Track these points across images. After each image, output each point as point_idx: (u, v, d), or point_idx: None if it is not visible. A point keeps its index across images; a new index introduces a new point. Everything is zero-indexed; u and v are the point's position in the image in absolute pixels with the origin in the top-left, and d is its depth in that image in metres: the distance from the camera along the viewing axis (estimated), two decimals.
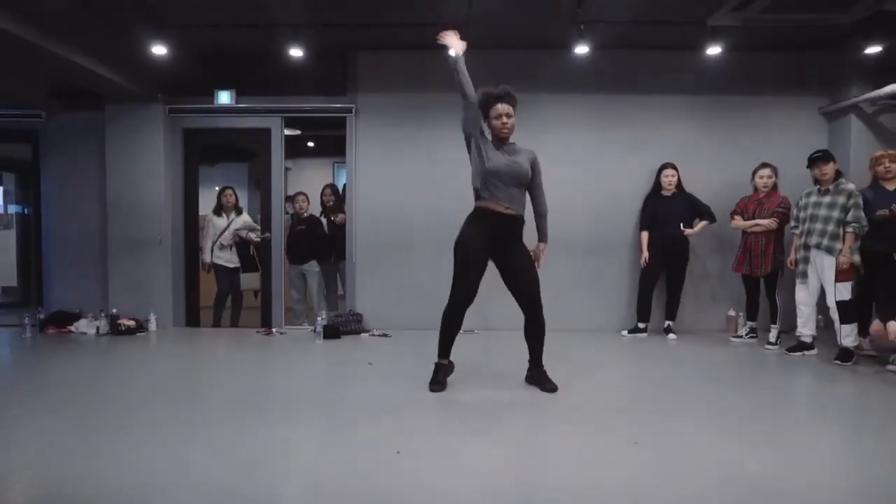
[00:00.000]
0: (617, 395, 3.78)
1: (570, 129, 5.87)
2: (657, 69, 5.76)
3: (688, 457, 2.67)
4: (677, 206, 5.50)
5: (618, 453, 2.73)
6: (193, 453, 2.67)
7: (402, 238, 5.80)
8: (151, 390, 3.75)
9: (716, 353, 4.91)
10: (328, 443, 2.84)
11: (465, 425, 3.09)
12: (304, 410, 3.37)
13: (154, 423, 3.08)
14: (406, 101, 5.83)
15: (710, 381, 4.09)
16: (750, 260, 5.12)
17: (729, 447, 2.80)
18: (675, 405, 3.51)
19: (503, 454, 2.71)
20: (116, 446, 2.74)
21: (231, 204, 6.11)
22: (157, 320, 5.78)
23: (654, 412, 3.36)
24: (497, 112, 3.53)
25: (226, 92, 5.84)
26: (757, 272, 5.10)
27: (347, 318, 5.76)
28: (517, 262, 3.64)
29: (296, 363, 4.60)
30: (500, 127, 3.54)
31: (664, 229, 5.50)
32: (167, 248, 5.90)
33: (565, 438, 2.93)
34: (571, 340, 5.36)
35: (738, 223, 5.21)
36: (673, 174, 5.50)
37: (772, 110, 5.80)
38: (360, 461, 2.60)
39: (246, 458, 2.61)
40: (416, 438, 2.88)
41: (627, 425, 3.10)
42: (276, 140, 5.94)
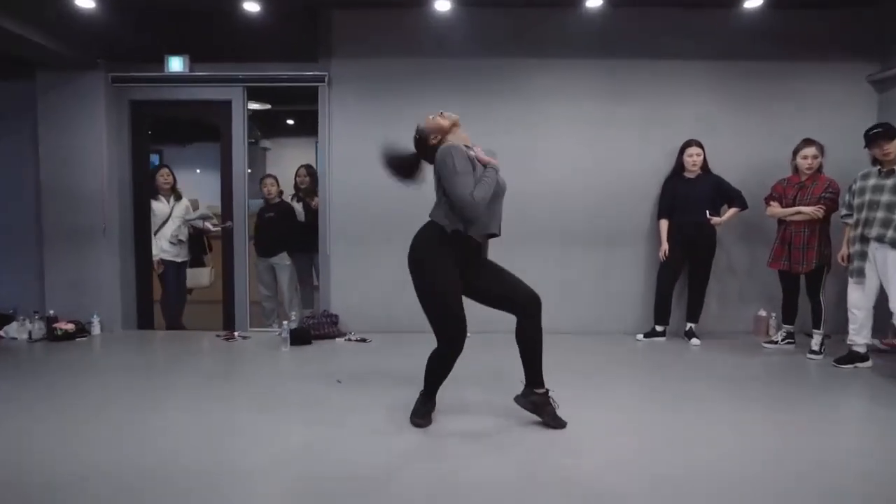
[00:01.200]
0: (629, 416, 3.04)
1: (575, 100, 5.05)
2: (678, 30, 4.93)
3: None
4: (702, 189, 4.71)
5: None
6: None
7: (383, 226, 5.02)
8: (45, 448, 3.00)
9: (749, 364, 4.17)
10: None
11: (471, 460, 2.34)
12: (233, 477, 2.62)
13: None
14: (388, 67, 5.01)
15: (744, 398, 3.36)
16: (790, 254, 4.36)
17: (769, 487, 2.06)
18: (701, 432, 2.78)
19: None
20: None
21: (168, 186, 5.33)
22: (101, 323, 5.02)
23: (675, 442, 2.62)
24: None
25: (178, 58, 5.02)
26: (798, 268, 4.34)
27: (321, 319, 5.00)
28: (496, 272, 2.99)
29: (248, 381, 3.83)
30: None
31: (687, 216, 4.72)
32: (113, 238, 5.12)
33: (570, 471, 2.21)
34: (578, 346, 4.62)
35: (776, 210, 4.44)
36: (698, 153, 4.71)
37: (812, 78, 4.98)
38: None
39: None
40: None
41: (643, 456, 2.36)
42: (237, 114, 5.13)
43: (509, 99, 4.99)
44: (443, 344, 2.83)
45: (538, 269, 5.05)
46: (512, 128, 4.97)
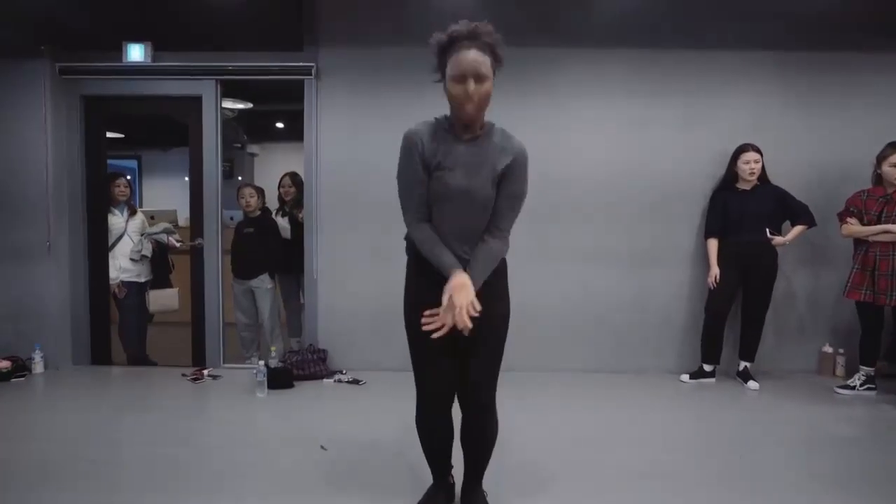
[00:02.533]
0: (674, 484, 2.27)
1: (609, 98, 4.30)
2: (729, 14, 4.18)
3: None
4: (761, 203, 3.96)
5: None
6: None
7: (379, 242, 4.25)
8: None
9: (821, 416, 3.41)
10: None
11: None
12: None
13: None
14: (385, 57, 4.24)
15: (820, 465, 2.57)
16: (874, 282, 3.61)
17: None
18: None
19: None
20: None
21: (125, 198, 4.57)
22: (45, 358, 4.23)
23: None
24: (457, 70, 1.82)
25: (138, 46, 4.26)
26: (884, 299, 3.58)
27: (306, 356, 4.21)
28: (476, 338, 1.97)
29: (208, 445, 3.04)
30: (462, 99, 1.84)
31: (742, 236, 3.96)
32: (61, 257, 4.34)
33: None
34: (609, 387, 3.85)
35: (854, 229, 3.70)
36: (756, 160, 3.95)
37: (882, 71, 4.23)
38: None
39: None
40: None
41: None
42: (208, 111, 4.36)
43: (530, 95, 4.23)
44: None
45: (561, 294, 4.31)
46: (533, 128, 4.17)
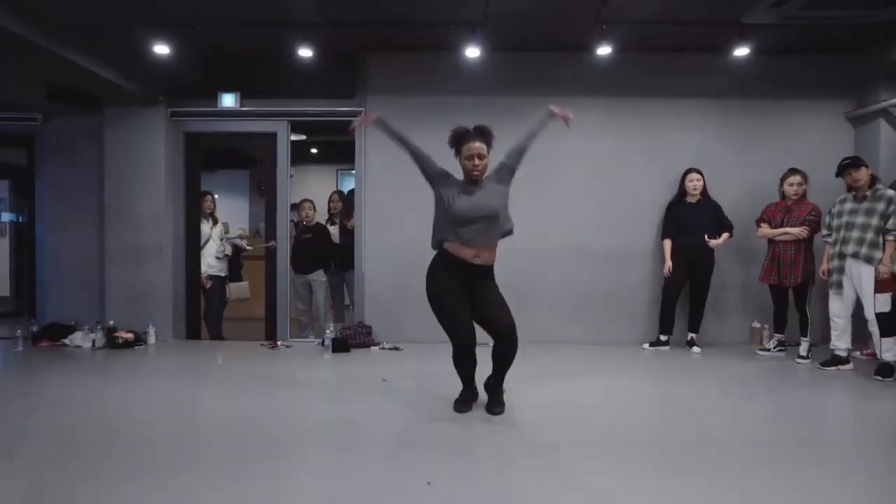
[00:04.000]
0: (639, 418, 3.54)
1: (589, 133, 5.64)
2: (679, 72, 5.56)
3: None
4: (702, 213, 5.28)
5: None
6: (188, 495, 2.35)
7: (412, 248, 5.52)
8: (152, 416, 3.49)
9: (744, 368, 4.68)
10: (349, 474, 2.59)
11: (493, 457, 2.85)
12: (318, 439, 3.12)
13: (153, 458, 2.83)
14: (418, 104, 5.61)
15: (740, 398, 3.86)
16: (779, 270, 4.90)
17: (763, 477, 2.57)
18: (702, 430, 3.28)
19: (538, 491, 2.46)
20: (112, 486, 2.47)
21: (210, 211, 5.90)
22: (156, 332, 5.52)
23: (679, 440, 3.12)
24: (468, 152, 3.20)
25: (230, 95, 5.62)
26: (786, 282, 4.88)
27: (356, 330, 5.51)
28: (488, 296, 3.32)
29: (306, 380, 4.33)
30: (471, 168, 3.21)
31: (688, 237, 5.27)
32: (167, 257, 5.65)
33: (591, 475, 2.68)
34: (590, 354, 5.13)
35: (766, 231, 5.00)
36: (698, 179, 5.28)
37: (796, 115, 5.61)
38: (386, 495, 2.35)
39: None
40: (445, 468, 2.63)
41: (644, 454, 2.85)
42: (281, 145, 5.71)
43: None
44: (453, 351, 3.35)
45: (554, 284, 5.61)
46: (529, 160, 5.51)
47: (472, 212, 3.19)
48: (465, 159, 3.22)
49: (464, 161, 3.23)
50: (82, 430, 3.09)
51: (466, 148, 3.20)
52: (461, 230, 3.20)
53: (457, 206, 3.19)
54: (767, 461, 2.70)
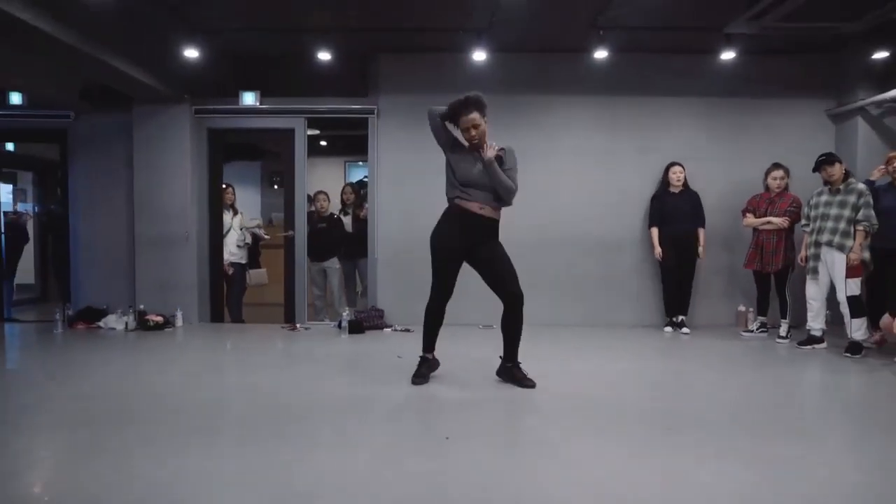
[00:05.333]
0: (637, 393, 3.96)
1: (583, 131, 6.05)
2: (668, 72, 5.94)
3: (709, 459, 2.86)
4: (684, 202, 5.68)
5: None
6: (218, 465, 2.52)
7: (422, 236, 5.88)
8: (186, 389, 3.91)
9: (729, 348, 5.10)
10: (370, 445, 3.01)
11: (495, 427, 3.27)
12: (342, 411, 3.54)
13: (187, 426, 3.21)
14: (426, 102, 5.85)
15: (725, 374, 4.28)
16: (762, 257, 5.30)
17: (745, 445, 2.98)
18: (692, 403, 3.70)
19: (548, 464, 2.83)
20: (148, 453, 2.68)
21: (230, 201, 6.28)
22: (182, 316, 5.92)
23: (672, 412, 3.54)
24: (464, 125, 3.53)
25: (250, 93, 5.98)
26: (768, 268, 5.28)
27: (370, 313, 5.92)
28: (493, 256, 3.67)
29: (326, 356, 4.75)
30: (469, 138, 3.57)
31: (673, 225, 5.67)
32: (193, 245, 6.04)
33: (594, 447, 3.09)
34: (588, 335, 5.54)
35: (751, 221, 5.39)
36: (681, 171, 5.68)
37: (779, 112, 6.00)
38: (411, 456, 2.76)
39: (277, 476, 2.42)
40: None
41: (635, 428, 3.22)
42: (299, 140, 6.09)
43: (527, 130, 5.95)
44: (430, 297, 3.82)
45: (553, 270, 6.01)
46: (529, 154, 5.92)
47: (478, 177, 3.56)
48: (463, 130, 3.57)
49: (462, 132, 3.59)
50: (124, 401, 3.50)
51: (462, 120, 3.54)
52: (468, 191, 3.60)
53: (462, 171, 3.59)
54: (748, 430, 3.05)
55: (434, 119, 3.67)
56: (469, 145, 3.61)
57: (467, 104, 3.52)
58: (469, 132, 3.56)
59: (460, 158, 3.64)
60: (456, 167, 3.63)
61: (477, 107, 3.54)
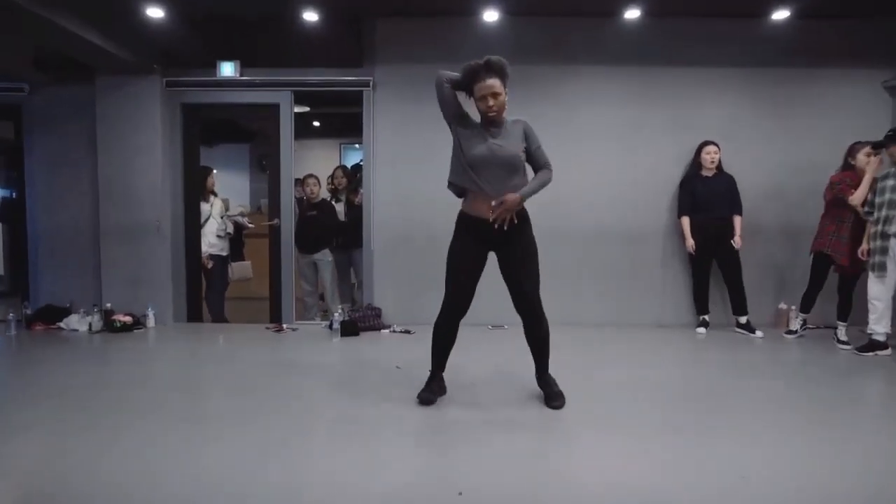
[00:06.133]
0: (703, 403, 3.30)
1: (605, 105, 5.34)
2: (704, 38, 5.21)
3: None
4: (720, 186, 5.01)
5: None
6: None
7: (424, 224, 5.28)
8: (148, 402, 3.25)
9: (780, 352, 4.45)
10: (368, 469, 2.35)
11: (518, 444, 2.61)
12: (332, 430, 2.89)
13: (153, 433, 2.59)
14: (429, 73, 5.20)
15: (791, 386, 3.63)
16: (838, 243, 4.54)
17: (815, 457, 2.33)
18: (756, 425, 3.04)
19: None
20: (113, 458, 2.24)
21: (209, 188, 5.61)
22: (155, 315, 5.26)
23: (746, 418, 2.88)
24: (480, 91, 2.88)
25: (229, 63, 5.28)
26: (842, 259, 4.53)
27: (366, 312, 5.26)
28: (514, 255, 3.07)
29: (315, 366, 4.08)
30: (486, 109, 2.91)
31: (709, 212, 4.99)
32: (166, 236, 5.36)
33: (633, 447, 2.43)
34: (613, 336, 4.88)
35: (858, 196, 4.36)
36: (716, 151, 5.00)
37: (829, 84, 5.27)
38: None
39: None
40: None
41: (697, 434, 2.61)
42: (285, 117, 5.38)
43: (543, 105, 5.24)
44: (440, 310, 3.16)
45: (569, 263, 5.33)
46: (544, 132, 5.21)
47: (490, 157, 2.94)
48: (479, 100, 2.91)
49: (477, 102, 2.93)
50: (78, 420, 2.85)
51: (479, 88, 2.89)
52: (478, 175, 2.95)
53: (473, 150, 2.95)
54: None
55: (442, 87, 3.01)
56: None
57: (487, 68, 2.87)
58: (486, 101, 2.90)
59: (470, 134, 3.00)
60: (464, 144, 2.98)
61: (498, 72, 2.89)
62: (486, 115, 2.95)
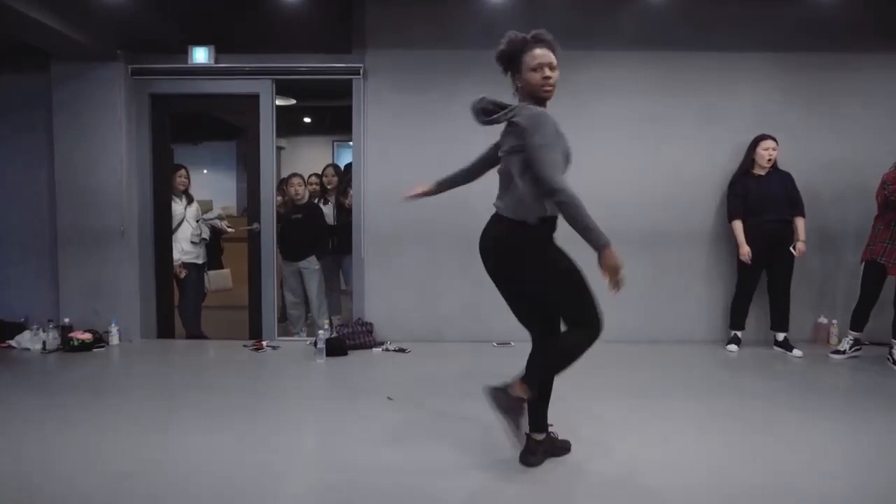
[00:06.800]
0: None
1: (624, 96, 4.75)
2: (736, 20, 4.62)
3: None
4: (775, 185, 4.43)
5: None
6: None
7: (420, 228, 4.69)
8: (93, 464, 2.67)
9: (833, 377, 3.89)
10: None
11: None
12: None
13: None
14: (427, 59, 4.70)
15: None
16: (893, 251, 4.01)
17: None
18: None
19: None
20: None
21: (184, 188, 5.04)
22: (119, 332, 4.68)
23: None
24: (534, 61, 2.28)
25: (202, 49, 4.70)
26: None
27: (355, 328, 4.67)
28: (515, 279, 2.42)
29: (286, 401, 3.49)
30: (541, 84, 2.30)
31: (765, 215, 4.40)
32: (132, 241, 4.79)
33: None
34: (639, 354, 4.31)
35: None
36: (774, 147, 4.41)
37: (880, 70, 4.67)
38: None
39: None
40: None
41: None
42: (265, 109, 4.80)
43: (556, 93, 4.67)
44: (590, 328, 2.33)
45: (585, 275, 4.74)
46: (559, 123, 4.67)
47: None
48: (532, 71, 2.30)
49: (529, 74, 2.31)
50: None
51: (531, 56, 2.30)
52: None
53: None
54: None
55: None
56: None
57: (537, 40, 2.33)
58: (543, 71, 2.30)
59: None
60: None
61: (549, 46, 2.33)
62: (540, 90, 2.32)
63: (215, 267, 5.39)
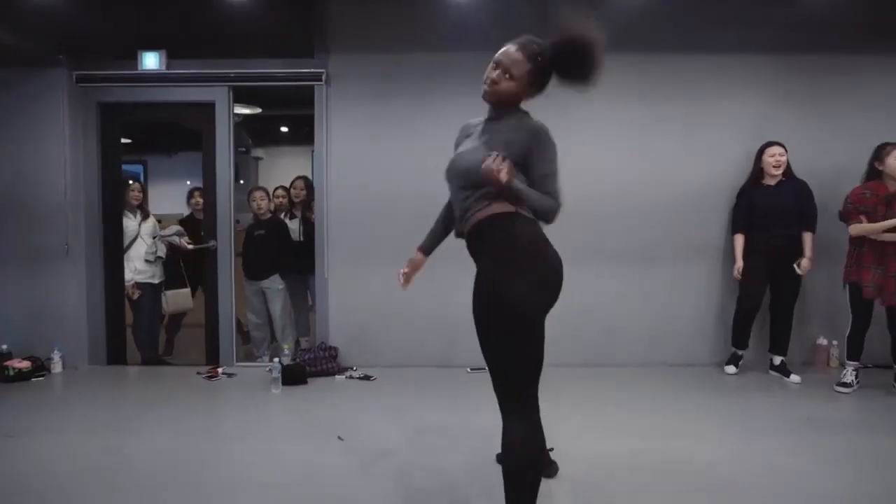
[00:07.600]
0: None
1: (607, 100, 4.37)
2: (727, 20, 4.28)
3: None
4: (786, 196, 4.07)
5: None
6: None
7: (389, 245, 4.33)
8: None
9: (841, 415, 3.53)
10: None
11: None
12: None
13: None
14: (395, 63, 4.36)
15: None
16: (885, 281, 3.65)
17: None
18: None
19: None
20: None
21: (137, 203, 4.71)
22: (63, 359, 4.33)
23: None
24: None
25: (153, 54, 4.38)
26: (890, 300, 3.66)
27: (317, 353, 4.32)
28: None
29: (228, 442, 3.14)
30: (482, 82, 2.07)
31: (772, 230, 4.06)
32: (79, 260, 4.45)
33: None
34: (643, 380, 3.95)
35: (867, 227, 3.67)
36: (781, 153, 4.05)
37: (879, 73, 4.36)
38: None
39: None
40: None
41: None
42: (221, 117, 4.47)
43: (534, 99, 4.34)
44: None
45: (569, 291, 4.40)
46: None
47: (451, 166, 2.11)
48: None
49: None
50: None
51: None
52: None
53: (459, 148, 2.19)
54: None
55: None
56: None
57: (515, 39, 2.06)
58: (485, 71, 2.06)
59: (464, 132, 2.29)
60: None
61: (522, 44, 2.03)
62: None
63: (178, 286, 5.05)
